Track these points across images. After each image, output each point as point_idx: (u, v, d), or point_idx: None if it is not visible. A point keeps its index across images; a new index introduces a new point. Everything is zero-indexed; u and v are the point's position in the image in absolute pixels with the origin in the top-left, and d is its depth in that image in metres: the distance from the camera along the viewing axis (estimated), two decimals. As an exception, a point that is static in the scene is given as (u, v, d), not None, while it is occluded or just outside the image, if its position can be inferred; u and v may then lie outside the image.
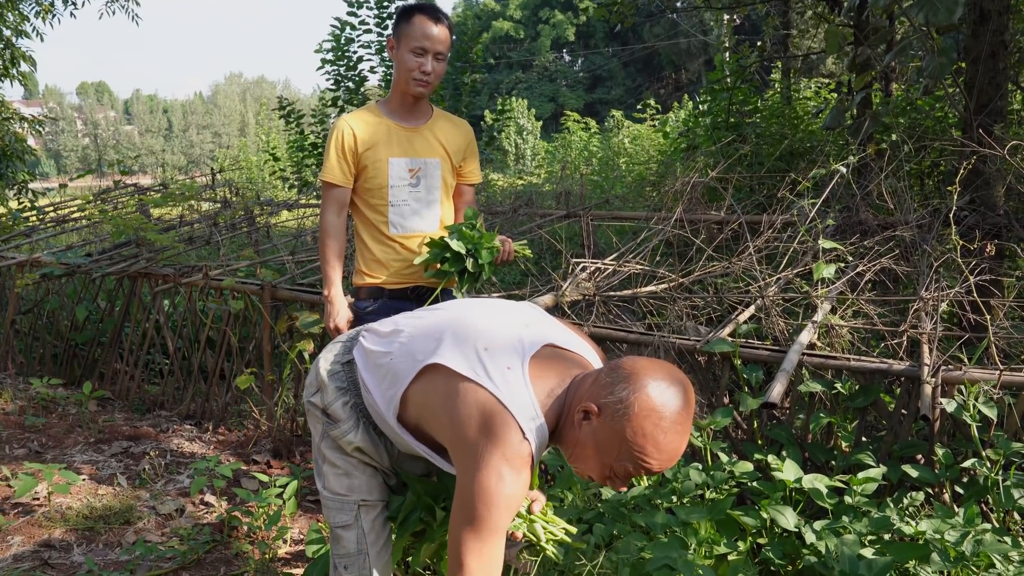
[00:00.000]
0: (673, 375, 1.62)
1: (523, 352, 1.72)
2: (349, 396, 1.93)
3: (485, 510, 1.58)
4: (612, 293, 3.72)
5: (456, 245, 2.80)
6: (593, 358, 1.89)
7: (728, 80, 8.33)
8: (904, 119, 6.97)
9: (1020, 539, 2.30)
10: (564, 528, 2.01)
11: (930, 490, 2.71)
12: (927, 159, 6.24)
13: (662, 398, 1.56)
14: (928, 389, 2.59)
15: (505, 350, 1.72)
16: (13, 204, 9.57)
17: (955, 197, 3.26)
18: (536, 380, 1.69)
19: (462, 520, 1.60)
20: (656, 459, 1.58)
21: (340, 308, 2.96)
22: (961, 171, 3.29)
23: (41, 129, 10.97)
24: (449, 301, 2.10)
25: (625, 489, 1.73)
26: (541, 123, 33.18)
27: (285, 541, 3.15)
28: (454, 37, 2.94)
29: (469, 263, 2.82)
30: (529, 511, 1.98)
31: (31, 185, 10.35)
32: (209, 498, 3.56)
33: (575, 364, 1.78)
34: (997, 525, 2.49)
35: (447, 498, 2.05)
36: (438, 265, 2.87)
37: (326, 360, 1.99)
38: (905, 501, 2.64)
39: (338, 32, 9.87)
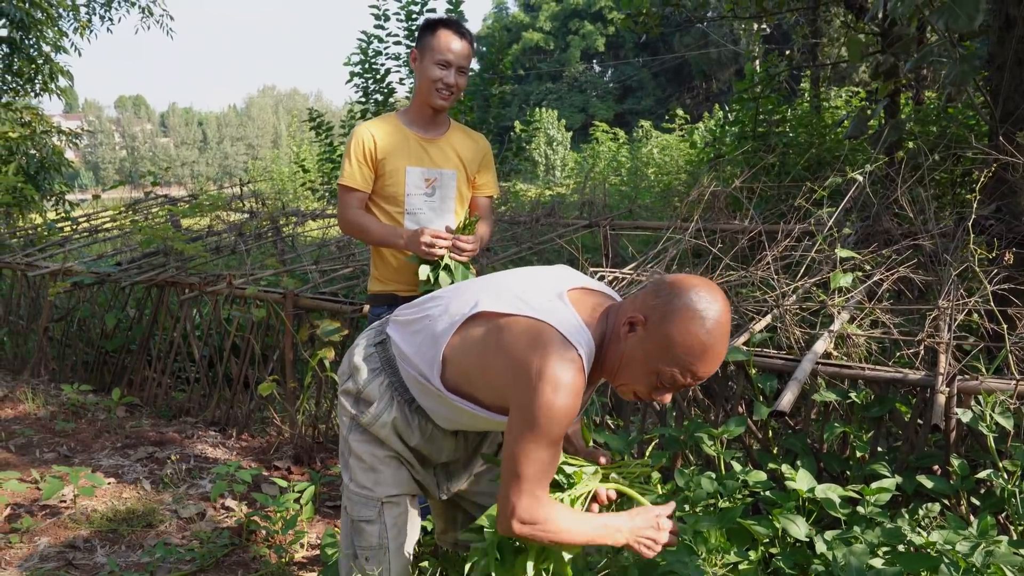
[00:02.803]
0: (711, 286, 1.72)
1: (560, 289, 1.83)
2: (384, 376, 1.99)
3: (544, 419, 1.65)
4: (629, 302, 3.72)
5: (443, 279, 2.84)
6: (619, 298, 1.98)
7: (758, 89, 8.29)
8: (936, 127, 6.89)
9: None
10: (638, 464, 2.06)
11: (947, 501, 2.68)
12: (959, 168, 6.16)
13: (704, 302, 1.67)
14: (941, 399, 2.56)
15: (543, 290, 1.83)
16: (51, 215, 9.81)
17: (975, 205, 3.22)
18: (576, 305, 1.79)
19: (521, 429, 1.67)
20: (701, 361, 1.68)
21: (414, 231, 2.81)
22: (981, 179, 3.25)
23: (78, 142, 11.24)
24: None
25: (669, 402, 1.79)
26: (571, 133, 33.22)
27: (302, 545, 3.19)
28: (475, 53, 2.99)
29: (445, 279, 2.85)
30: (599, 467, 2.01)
31: (70, 196, 10.62)
32: (230, 502, 3.61)
33: (607, 298, 1.90)
34: (1016, 537, 2.46)
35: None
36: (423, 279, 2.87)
37: (359, 347, 2.07)
38: (921, 512, 2.61)
39: (365, 45, 9.99)
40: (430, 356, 1.88)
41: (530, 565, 1.87)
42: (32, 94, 10.80)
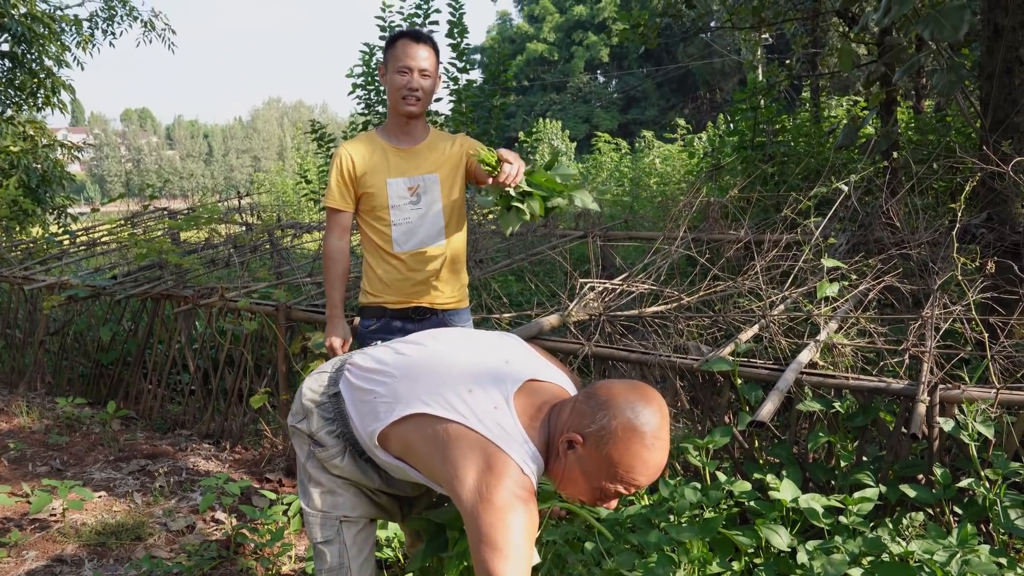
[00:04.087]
0: (645, 394, 1.69)
1: (506, 391, 1.78)
2: (336, 426, 1.98)
3: (509, 543, 1.61)
4: (618, 313, 3.73)
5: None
6: (569, 385, 1.96)
7: (759, 99, 8.28)
8: (932, 136, 6.89)
9: (1017, 561, 2.26)
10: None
11: (930, 510, 2.68)
12: (957, 176, 6.15)
13: (641, 419, 1.64)
14: (922, 408, 2.56)
15: (488, 391, 1.78)
16: (53, 228, 9.87)
17: (959, 214, 3.22)
18: (521, 415, 1.75)
19: (490, 557, 1.60)
20: (643, 475, 1.67)
21: (336, 327, 3.08)
22: (967, 188, 3.26)
23: (80, 155, 11.30)
24: (431, 332, 2.13)
25: (615, 507, 1.79)
26: (575, 144, 33.26)
27: (290, 558, 3.20)
28: (441, 61, 3.01)
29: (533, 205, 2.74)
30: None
31: (73, 210, 10.68)
32: (219, 515, 3.62)
33: (553, 395, 1.85)
34: (998, 546, 2.45)
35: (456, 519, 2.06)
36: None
37: (311, 390, 2.05)
38: (905, 521, 2.60)
39: (368, 57, 10.04)
40: (371, 430, 1.88)
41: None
42: (34, 108, 10.88)
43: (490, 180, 2.68)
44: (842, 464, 2.86)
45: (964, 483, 2.50)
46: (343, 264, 3.06)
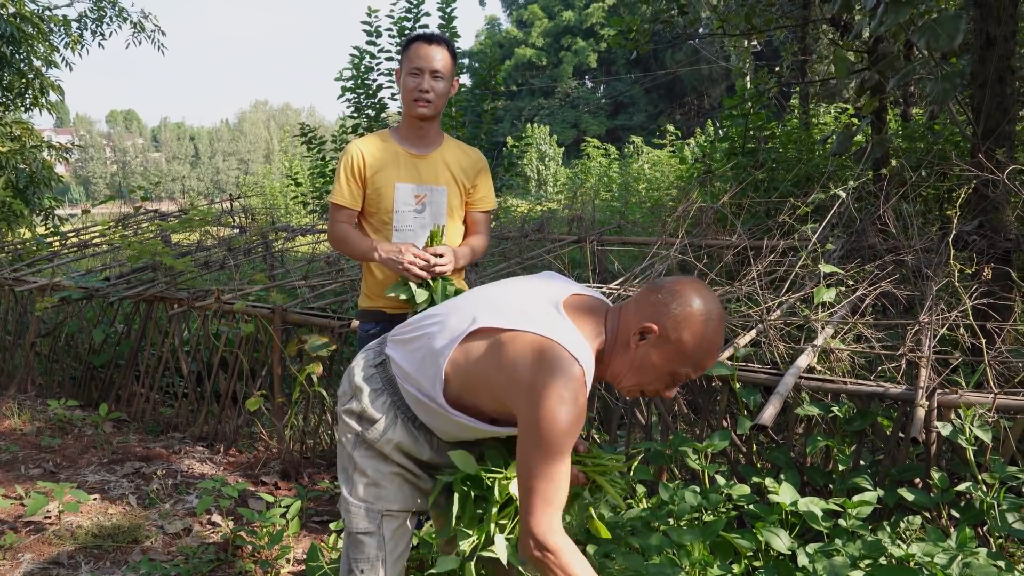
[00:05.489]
0: (703, 285, 1.86)
1: (555, 300, 1.90)
2: (386, 395, 2.02)
3: (552, 436, 1.71)
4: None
5: (419, 294, 2.81)
6: (607, 300, 2.05)
7: (748, 105, 8.33)
8: (923, 143, 6.95)
9: (1016, 564, 2.29)
10: (611, 458, 2.10)
11: (927, 514, 2.70)
12: (946, 184, 6.21)
13: (707, 305, 1.81)
14: (921, 412, 2.59)
15: (538, 302, 1.89)
16: (40, 229, 9.79)
17: (955, 221, 3.26)
18: (572, 317, 1.86)
19: (530, 447, 1.73)
20: (712, 357, 1.84)
21: (392, 245, 2.82)
22: (961, 195, 3.30)
23: (68, 156, 11.21)
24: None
25: (672, 396, 1.94)
26: (563, 149, 33.33)
27: (288, 561, 3.19)
28: (455, 59, 3.00)
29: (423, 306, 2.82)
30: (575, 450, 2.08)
31: (59, 211, 10.60)
32: (216, 518, 3.61)
33: (600, 304, 1.97)
34: (994, 549, 2.48)
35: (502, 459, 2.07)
36: (401, 297, 2.84)
37: (359, 368, 2.10)
38: (902, 525, 2.62)
39: (357, 60, 10.03)
40: (431, 373, 1.91)
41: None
42: (22, 108, 10.79)
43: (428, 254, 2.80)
44: (840, 468, 2.89)
45: (961, 487, 2.53)
46: (353, 231, 2.95)
